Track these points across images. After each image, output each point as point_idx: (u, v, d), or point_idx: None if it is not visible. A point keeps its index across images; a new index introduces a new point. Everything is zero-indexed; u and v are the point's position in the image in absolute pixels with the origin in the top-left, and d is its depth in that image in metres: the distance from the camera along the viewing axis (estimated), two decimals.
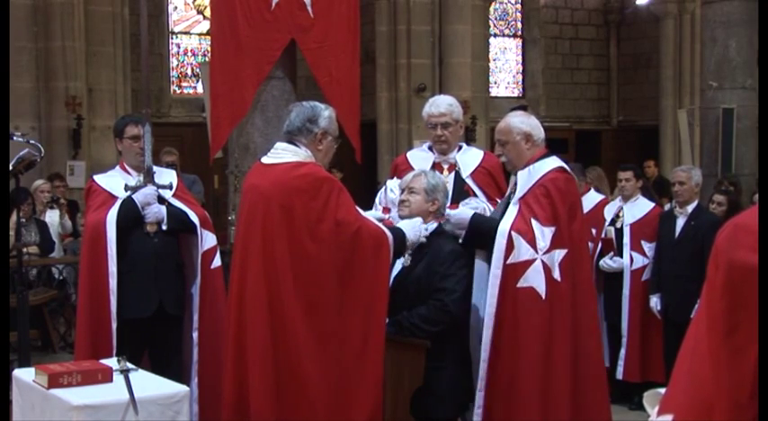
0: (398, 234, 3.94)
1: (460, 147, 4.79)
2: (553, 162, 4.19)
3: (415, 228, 4.05)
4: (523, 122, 4.26)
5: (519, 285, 4.00)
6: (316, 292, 3.72)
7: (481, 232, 4.14)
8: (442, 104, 4.72)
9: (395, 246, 3.87)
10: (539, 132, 4.25)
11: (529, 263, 4.00)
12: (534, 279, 4.00)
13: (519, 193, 4.16)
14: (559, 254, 4.04)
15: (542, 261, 4.01)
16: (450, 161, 4.73)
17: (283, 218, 3.73)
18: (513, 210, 4.13)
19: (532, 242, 4.02)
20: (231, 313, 3.89)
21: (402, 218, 4.27)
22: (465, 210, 4.22)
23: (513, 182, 4.36)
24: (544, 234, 4.02)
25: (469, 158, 4.76)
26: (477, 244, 4.20)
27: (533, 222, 4.03)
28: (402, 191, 4.31)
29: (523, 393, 3.99)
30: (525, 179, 4.16)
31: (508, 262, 4.02)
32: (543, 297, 3.99)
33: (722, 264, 1.26)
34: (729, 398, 1.22)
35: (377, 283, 3.80)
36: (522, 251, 4.01)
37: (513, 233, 4.02)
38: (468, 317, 4.19)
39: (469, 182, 4.68)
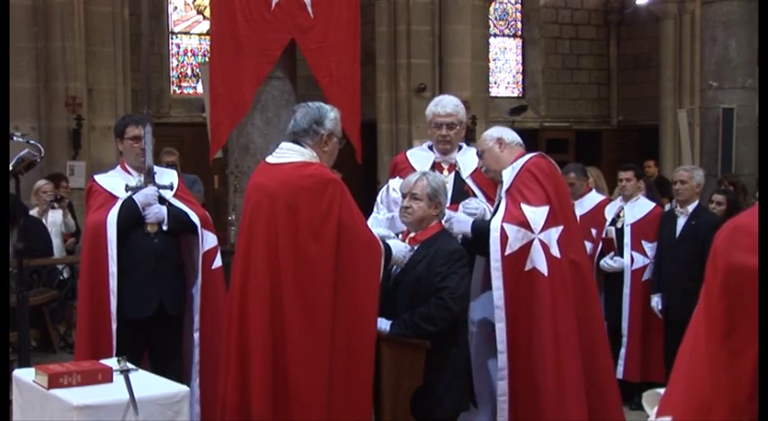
0: (387, 248, 3.97)
1: (460, 148, 4.80)
2: (534, 153, 4.36)
3: (402, 251, 4.08)
4: (494, 130, 4.52)
5: (527, 269, 4.10)
6: (313, 293, 3.72)
7: (483, 235, 4.20)
8: (448, 105, 4.71)
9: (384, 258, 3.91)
10: (510, 135, 4.43)
11: (528, 245, 4.10)
12: (536, 259, 4.10)
13: (505, 186, 4.26)
14: (556, 231, 4.15)
15: (540, 240, 4.11)
16: (450, 161, 4.73)
17: (289, 217, 3.74)
18: (502, 205, 4.22)
19: (526, 225, 4.11)
20: (233, 311, 3.88)
21: (405, 224, 4.28)
22: (465, 220, 4.29)
23: (499, 190, 4.39)
24: (537, 214, 4.12)
25: (470, 159, 4.76)
26: (480, 247, 4.26)
27: (524, 206, 4.13)
28: (403, 196, 4.29)
29: (541, 374, 4.08)
30: (510, 174, 4.28)
31: (507, 253, 4.10)
32: (546, 274, 4.09)
33: (720, 265, 1.26)
34: (728, 400, 1.22)
35: (369, 288, 3.81)
36: (519, 237, 4.10)
37: (504, 225, 4.11)
38: (467, 316, 4.20)
39: (469, 182, 4.68)
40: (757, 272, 1.19)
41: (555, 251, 4.13)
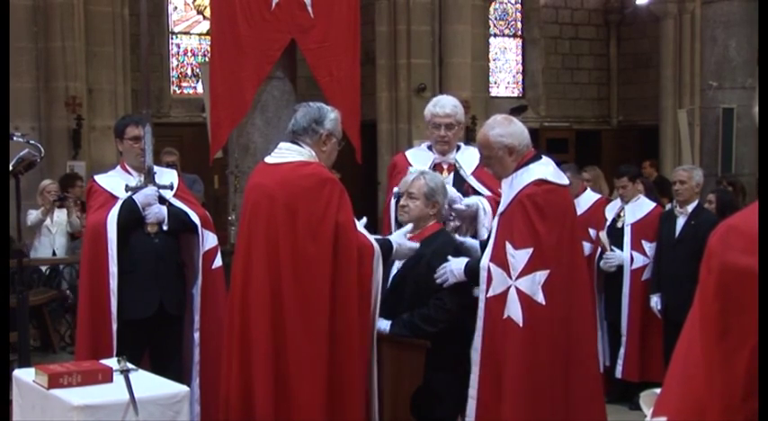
0: (386, 246, 3.95)
1: (459, 147, 4.79)
2: (536, 170, 3.92)
3: (404, 246, 4.04)
4: (503, 135, 3.95)
5: (505, 316, 3.82)
6: (313, 293, 3.73)
7: (477, 276, 3.99)
8: (447, 105, 4.67)
9: (382, 256, 3.88)
10: (521, 140, 3.97)
11: (506, 292, 3.82)
12: (511, 308, 3.80)
13: (501, 207, 4.00)
14: (541, 275, 3.79)
15: (516, 288, 3.79)
16: (449, 161, 4.73)
17: (288, 218, 3.74)
18: (493, 234, 3.97)
19: (506, 269, 3.81)
20: (234, 313, 3.88)
21: (402, 223, 4.28)
22: (458, 267, 4.03)
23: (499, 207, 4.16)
24: (516, 258, 3.80)
25: (468, 157, 4.75)
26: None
27: (507, 246, 3.83)
28: (401, 194, 4.30)
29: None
30: (507, 191, 3.96)
31: (488, 294, 3.86)
32: (521, 325, 3.77)
33: (714, 266, 1.26)
34: (721, 400, 1.22)
35: (364, 288, 3.80)
36: (500, 281, 3.83)
37: (490, 265, 3.86)
38: (467, 317, 4.19)
39: (472, 180, 4.66)
40: (751, 272, 1.19)
41: (539, 297, 3.77)
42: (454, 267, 4.04)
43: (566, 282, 3.90)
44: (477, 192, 4.62)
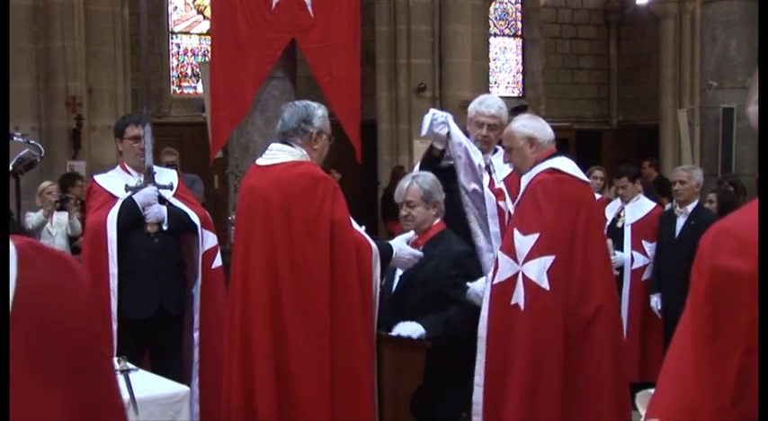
0: (385, 249, 3.94)
1: (496, 150, 4.76)
2: (549, 163, 3.98)
3: (405, 253, 4.02)
4: (526, 126, 4.07)
5: (512, 303, 3.81)
6: (311, 293, 3.73)
7: None
8: (493, 105, 4.64)
9: (382, 261, 3.87)
10: (543, 134, 4.06)
11: (513, 278, 3.81)
12: (518, 294, 3.79)
13: (517, 199, 4.06)
14: (546, 261, 3.76)
15: (522, 273, 3.78)
16: (485, 162, 4.71)
17: (283, 219, 3.74)
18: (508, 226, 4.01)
19: (513, 255, 3.82)
20: (234, 314, 3.88)
21: (409, 231, 4.28)
22: (481, 287, 4.02)
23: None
24: (522, 243, 3.80)
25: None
26: None
27: (515, 233, 3.84)
28: (399, 205, 4.30)
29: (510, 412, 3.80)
30: (524, 184, 4.01)
31: (495, 281, 3.85)
32: (523, 309, 3.77)
33: (705, 269, 1.25)
34: (713, 403, 1.22)
35: (364, 287, 3.80)
36: (507, 268, 3.82)
37: (499, 253, 3.88)
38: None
39: (503, 186, 4.64)
40: (741, 275, 1.19)
41: (544, 283, 3.74)
42: (478, 289, 4.03)
43: (577, 271, 3.85)
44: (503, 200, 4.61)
